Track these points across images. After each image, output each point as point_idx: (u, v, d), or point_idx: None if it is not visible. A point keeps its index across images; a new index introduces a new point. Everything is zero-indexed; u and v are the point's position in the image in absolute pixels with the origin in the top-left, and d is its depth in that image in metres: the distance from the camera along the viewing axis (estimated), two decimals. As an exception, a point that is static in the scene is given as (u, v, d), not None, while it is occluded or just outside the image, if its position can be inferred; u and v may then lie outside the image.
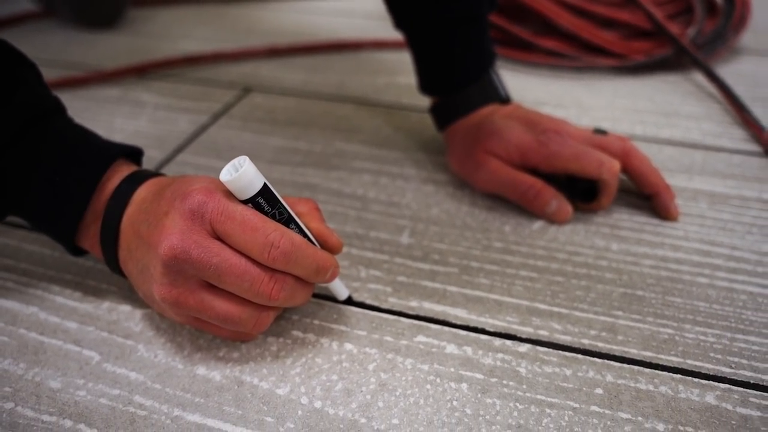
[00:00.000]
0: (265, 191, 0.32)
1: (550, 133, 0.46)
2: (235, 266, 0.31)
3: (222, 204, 0.31)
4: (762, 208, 0.48)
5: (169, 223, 0.32)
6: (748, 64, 0.73)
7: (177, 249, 0.31)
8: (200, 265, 0.31)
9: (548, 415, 0.32)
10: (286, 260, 0.32)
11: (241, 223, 0.31)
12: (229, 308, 0.32)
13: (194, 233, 0.31)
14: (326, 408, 0.32)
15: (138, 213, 0.34)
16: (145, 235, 0.33)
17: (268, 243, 0.31)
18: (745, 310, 0.38)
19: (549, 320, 0.38)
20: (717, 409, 0.32)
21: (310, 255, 0.33)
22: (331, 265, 0.34)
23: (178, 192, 0.33)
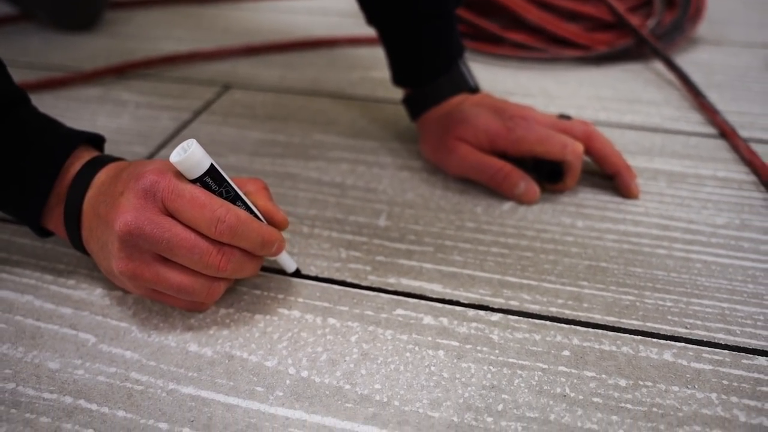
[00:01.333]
0: (212, 171, 0.34)
1: (517, 119, 0.48)
2: (185, 240, 0.34)
3: (172, 183, 0.34)
4: (716, 185, 0.51)
5: (124, 202, 0.34)
6: (704, 53, 0.77)
7: (131, 225, 0.33)
8: (153, 240, 0.34)
9: (519, 375, 0.35)
10: (232, 234, 0.34)
11: (190, 200, 0.34)
12: (182, 279, 0.35)
13: (147, 210, 0.34)
14: (312, 377, 0.34)
15: (98, 195, 0.36)
16: (103, 214, 0.35)
17: (214, 218, 0.34)
18: (700, 277, 0.41)
19: (519, 291, 0.40)
20: (673, 365, 0.35)
21: (255, 229, 0.35)
22: (276, 239, 0.37)
23: (133, 173, 0.35)
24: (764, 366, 0.35)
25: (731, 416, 0.32)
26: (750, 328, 0.37)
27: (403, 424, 0.32)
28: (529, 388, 0.34)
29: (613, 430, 0.32)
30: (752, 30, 0.84)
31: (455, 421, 0.32)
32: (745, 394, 0.33)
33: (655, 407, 0.33)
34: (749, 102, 0.64)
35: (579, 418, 0.32)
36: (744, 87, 0.68)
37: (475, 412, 0.32)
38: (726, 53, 0.77)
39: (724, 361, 0.35)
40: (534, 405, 0.33)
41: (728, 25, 0.86)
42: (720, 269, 0.42)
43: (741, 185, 0.51)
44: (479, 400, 0.33)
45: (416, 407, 0.33)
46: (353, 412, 0.32)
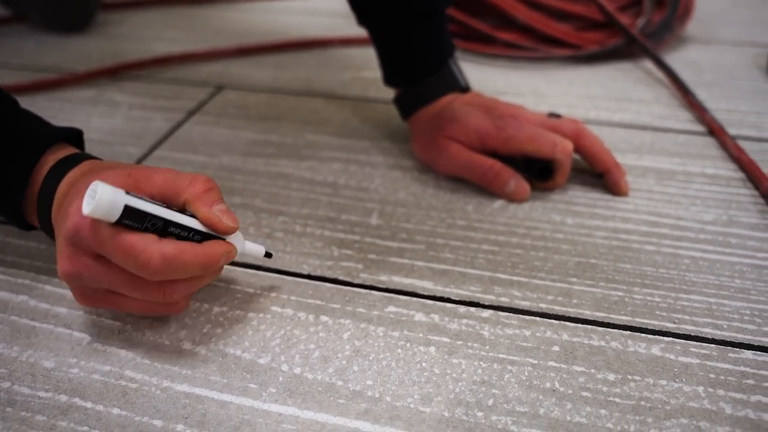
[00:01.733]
0: (128, 212, 0.32)
1: (507, 118, 0.49)
2: (124, 281, 0.33)
3: (93, 231, 0.32)
4: (704, 182, 0.51)
5: (60, 246, 0.34)
6: (693, 51, 0.78)
7: (69, 272, 0.33)
8: (95, 282, 0.34)
9: (509, 371, 0.35)
10: (164, 274, 0.33)
11: (114, 248, 0.32)
12: (139, 306, 0.35)
13: (79, 256, 0.33)
14: (305, 373, 0.35)
15: (56, 215, 0.36)
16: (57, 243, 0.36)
17: (140, 264, 0.32)
18: (688, 273, 0.42)
19: (509, 288, 0.41)
20: (661, 359, 0.36)
21: (189, 261, 0.33)
22: (217, 258, 0.34)
23: (64, 212, 0.34)
24: (750, 359, 0.36)
25: (717, 409, 0.33)
26: (737, 322, 0.38)
27: (395, 420, 0.32)
28: (519, 383, 0.34)
29: (602, 423, 0.32)
30: (741, 28, 0.85)
31: (446, 416, 0.32)
32: (732, 387, 0.34)
33: (643, 401, 0.33)
34: (737, 100, 0.65)
35: (568, 412, 0.33)
36: (732, 85, 0.68)
37: (465, 407, 0.33)
38: (715, 52, 0.78)
39: (711, 355, 0.36)
40: (524, 399, 0.33)
41: (717, 24, 0.87)
42: (708, 265, 0.43)
43: (729, 182, 0.51)
44: (470, 395, 0.34)
45: (407, 403, 0.33)
46: (345, 408, 0.33)
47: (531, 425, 0.32)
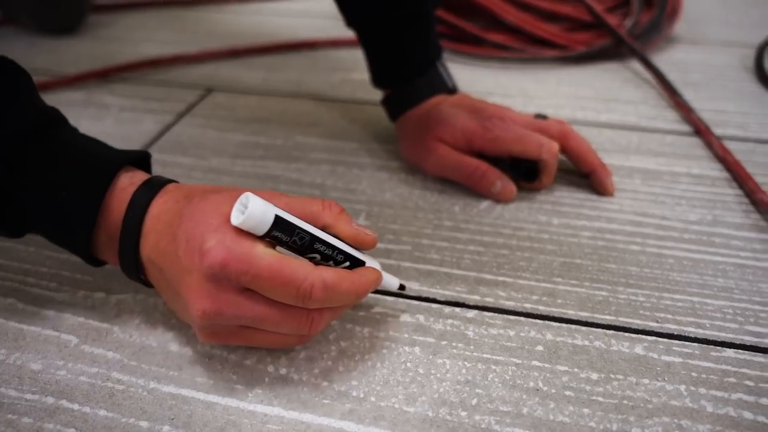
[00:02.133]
0: (278, 223, 0.31)
1: (494, 119, 0.49)
2: (270, 316, 0.32)
3: (244, 264, 0.30)
4: (690, 182, 0.52)
5: (195, 284, 0.31)
6: (681, 52, 0.78)
7: (210, 313, 0.31)
8: (236, 320, 0.32)
9: (494, 370, 0.35)
10: (322, 302, 0.32)
11: (269, 278, 0.30)
12: (273, 339, 0.34)
13: (222, 293, 0.31)
14: (291, 374, 0.35)
15: (156, 253, 0.33)
16: (173, 283, 0.33)
17: (300, 295, 0.31)
18: (672, 272, 0.42)
19: (495, 288, 0.41)
20: (644, 358, 0.36)
21: (346, 289, 0.32)
22: (371, 285, 0.34)
23: (195, 246, 0.31)
24: (732, 358, 0.36)
25: (699, 407, 0.33)
26: (719, 321, 0.39)
27: (379, 420, 0.33)
28: (503, 383, 0.35)
29: (585, 422, 0.32)
30: (729, 29, 0.86)
31: (430, 416, 0.33)
32: (713, 385, 0.34)
33: (625, 399, 0.34)
34: (725, 100, 0.65)
35: (551, 411, 0.33)
36: (720, 85, 0.69)
37: (449, 407, 0.33)
38: (703, 52, 0.78)
39: (693, 354, 0.36)
40: (507, 399, 0.34)
41: (706, 25, 0.88)
42: (691, 264, 0.43)
43: (714, 182, 0.52)
44: (454, 394, 0.34)
45: (392, 402, 0.33)
46: (330, 408, 0.33)
47: (514, 424, 0.32)
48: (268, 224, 0.30)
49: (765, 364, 0.35)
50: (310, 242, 0.32)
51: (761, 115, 0.62)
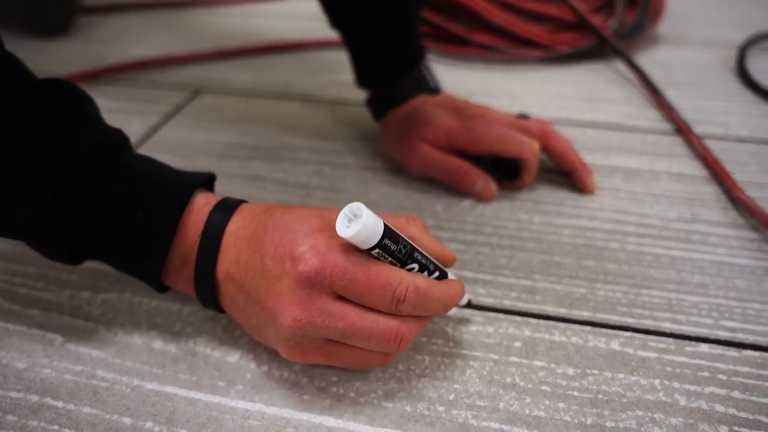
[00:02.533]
0: (387, 232, 0.30)
1: (476, 118, 0.50)
2: (361, 329, 0.31)
3: (340, 268, 0.30)
4: (670, 180, 0.53)
5: (285, 291, 0.31)
6: (665, 51, 0.79)
7: (301, 321, 0.30)
8: (326, 332, 0.31)
9: (472, 366, 0.36)
10: (414, 309, 0.32)
11: (366, 283, 0.30)
12: (356, 357, 0.33)
13: (314, 300, 0.31)
14: (272, 371, 0.36)
15: (236, 268, 0.33)
16: (254, 296, 0.33)
17: (395, 299, 0.31)
18: (650, 269, 0.43)
19: (474, 286, 0.42)
20: (620, 353, 0.37)
21: (437, 298, 0.32)
22: (457, 297, 0.34)
23: (286, 252, 0.31)
24: (706, 352, 0.37)
25: (672, 401, 0.34)
26: (695, 316, 0.39)
27: (358, 414, 0.33)
28: (481, 378, 0.35)
29: (560, 416, 0.33)
30: (712, 29, 0.87)
31: (408, 411, 0.33)
32: (687, 379, 0.35)
33: (600, 394, 0.34)
34: (706, 99, 0.66)
35: (527, 406, 0.34)
36: (702, 85, 0.70)
37: (427, 402, 0.34)
38: (686, 52, 0.79)
39: (668, 349, 0.37)
40: (484, 394, 0.34)
41: (689, 25, 0.89)
42: (669, 261, 0.44)
43: (693, 180, 0.53)
44: (432, 390, 0.35)
45: (371, 398, 0.34)
46: (310, 404, 0.34)
47: (491, 419, 0.33)
48: (379, 235, 0.30)
49: (738, 359, 0.36)
50: (410, 252, 0.32)
51: (742, 114, 0.63)
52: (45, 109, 0.32)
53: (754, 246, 0.45)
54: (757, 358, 0.36)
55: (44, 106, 0.32)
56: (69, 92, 0.34)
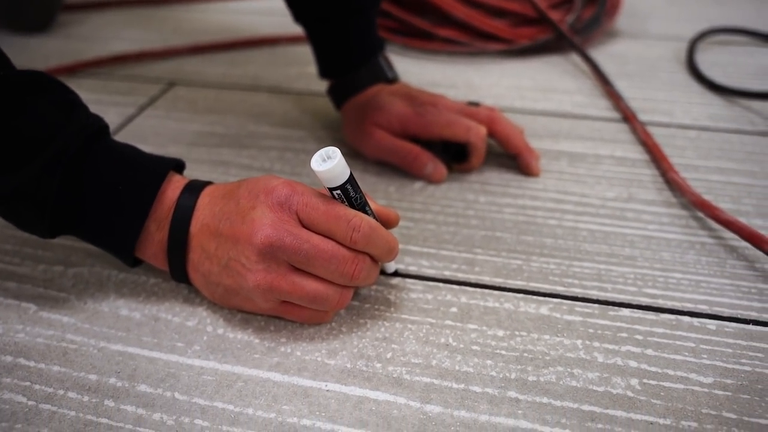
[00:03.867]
0: (351, 178, 0.36)
1: (427, 106, 0.53)
2: (324, 251, 0.35)
3: (305, 197, 0.36)
4: (612, 163, 0.56)
5: (259, 216, 0.35)
6: (621, 45, 0.83)
7: (272, 237, 0.35)
8: (293, 251, 0.35)
9: (409, 329, 0.39)
10: (366, 241, 0.36)
11: (325, 212, 0.35)
12: (317, 287, 0.36)
13: (285, 223, 0.35)
14: (227, 333, 0.39)
15: (210, 216, 0.38)
16: (227, 232, 0.37)
17: (350, 228, 0.35)
18: (584, 243, 0.47)
19: (419, 259, 0.45)
20: (548, 317, 0.40)
21: (384, 236, 0.37)
22: (398, 245, 0.39)
23: (260, 189, 0.37)
24: (627, 316, 0.40)
25: (591, 358, 0.37)
26: (621, 285, 0.43)
27: (303, 371, 0.37)
28: (417, 339, 0.39)
29: (486, 372, 0.36)
30: (669, 24, 0.91)
31: (348, 367, 0.37)
32: (606, 339, 0.39)
33: (526, 353, 0.38)
34: (654, 89, 0.70)
35: (457, 363, 0.37)
36: (652, 76, 0.73)
37: (366, 360, 0.37)
38: (642, 45, 0.83)
39: (593, 313, 0.40)
40: (419, 353, 0.38)
41: (647, 20, 0.92)
42: (603, 236, 0.47)
43: (634, 163, 0.56)
44: (371, 349, 0.38)
45: (315, 356, 0.38)
46: (260, 362, 0.37)
47: (423, 374, 0.36)
48: (346, 177, 0.35)
49: (655, 321, 0.40)
50: (363, 204, 0.38)
51: (686, 103, 0.67)
52: (36, 95, 0.36)
53: (683, 222, 0.49)
54: (672, 320, 0.40)
55: (35, 93, 0.36)
56: (56, 83, 0.38)
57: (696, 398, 0.35)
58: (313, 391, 0.35)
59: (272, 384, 0.36)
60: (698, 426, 0.33)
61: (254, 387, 0.36)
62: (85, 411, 0.34)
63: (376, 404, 0.35)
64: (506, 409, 0.34)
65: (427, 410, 0.34)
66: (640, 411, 0.34)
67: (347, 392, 0.35)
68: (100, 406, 0.35)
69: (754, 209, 0.50)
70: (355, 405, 0.34)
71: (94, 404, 0.35)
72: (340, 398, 0.35)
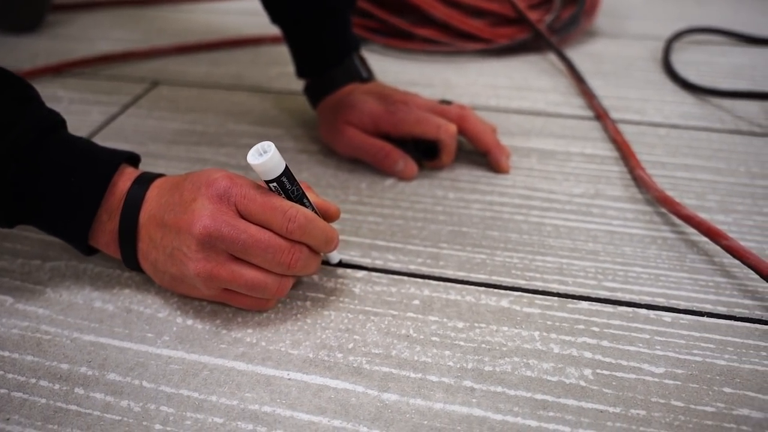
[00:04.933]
0: (287, 171, 0.37)
1: (399, 104, 0.55)
2: (260, 240, 0.37)
3: (244, 189, 0.37)
4: (581, 160, 0.58)
5: (198, 207, 0.37)
6: (599, 44, 0.84)
7: (210, 228, 0.36)
8: (230, 241, 0.37)
9: (372, 320, 0.41)
10: (302, 232, 0.37)
11: (262, 204, 0.37)
12: (255, 275, 0.38)
13: (223, 214, 0.37)
14: (196, 324, 0.41)
15: (157, 207, 0.39)
16: (171, 222, 0.38)
17: (286, 218, 0.37)
18: (549, 238, 0.48)
19: (385, 253, 0.47)
20: (508, 310, 0.42)
21: (321, 227, 0.39)
22: (336, 236, 0.40)
23: (202, 181, 0.38)
24: (585, 309, 0.41)
25: (547, 349, 0.39)
26: (581, 279, 0.44)
27: (266, 360, 0.38)
28: (379, 330, 0.40)
29: (444, 362, 0.38)
30: (648, 23, 0.92)
31: (311, 357, 0.38)
32: (563, 331, 0.40)
33: (484, 344, 0.39)
34: (628, 88, 0.71)
35: (416, 353, 0.38)
36: (627, 75, 0.75)
37: (328, 350, 0.39)
38: (619, 45, 0.84)
39: (552, 306, 0.42)
40: (380, 343, 0.39)
41: (627, 20, 0.94)
42: (567, 231, 0.49)
43: (603, 160, 0.58)
44: (334, 340, 0.39)
45: (279, 347, 0.39)
46: (225, 351, 0.39)
47: (382, 364, 0.38)
48: (281, 170, 0.37)
49: (612, 314, 0.41)
50: (301, 197, 0.39)
51: (659, 102, 0.68)
52: None
53: (647, 218, 0.50)
54: (629, 313, 0.41)
55: None
56: (14, 78, 0.40)
57: (647, 387, 0.36)
58: (275, 379, 0.37)
59: (236, 373, 0.37)
60: (646, 414, 0.34)
61: (219, 375, 0.37)
62: (56, 398, 0.36)
63: (335, 392, 0.36)
64: (461, 398, 0.35)
65: (384, 398, 0.36)
66: (591, 400, 0.35)
67: (308, 381, 0.37)
68: (70, 393, 0.36)
69: (717, 205, 0.51)
70: (315, 393, 0.36)
71: (65, 392, 0.36)
72: (300, 386, 0.36)
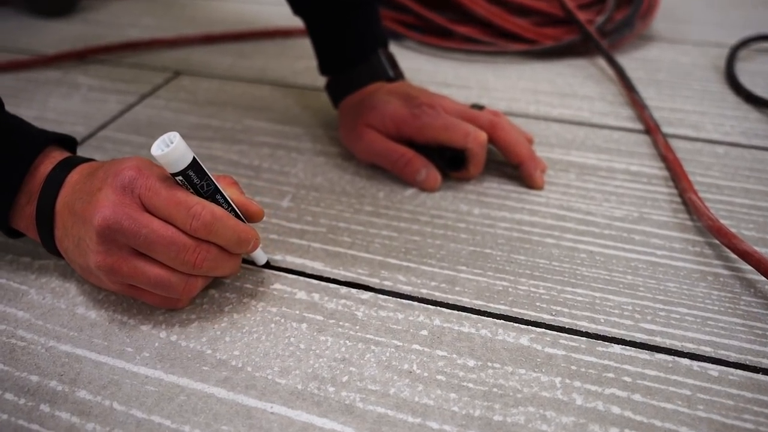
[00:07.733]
0: (194, 165, 0.35)
1: (424, 107, 0.50)
2: (163, 236, 0.35)
3: (150, 181, 0.35)
4: (625, 178, 0.52)
5: (102, 197, 0.35)
6: (655, 50, 0.77)
7: (110, 220, 0.34)
8: (131, 234, 0.35)
9: (372, 351, 0.37)
10: (207, 230, 0.35)
11: (167, 198, 0.35)
12: (159, 273, 0.36)
13: (125, 206, 0.35)
14: (180, 341, 0.37)
15: (72, 193, 0.37)
16: (79, 211, 0.36)
17: (190, 215, 0.35)
18: (581, 267, 0.43)
19: (396, 273, 0.42)
20: (528, 349, 0.37)
21: (231, 226, 0.36)
22: (252, 237, 0.38)
23: (111, 170, 0.36)
24: (617, 354, 0.36)
25: (569, 399, 0.34)
26: (615, 317, 0.39)
27: (250, 389, 0.34)
28: (378, 363, 0.36)
29: (448, 406, 0.33)
30: (709, 29, 0.84)
31: (299, 389, 0.34)
32: (589, 379, 0.35)
33: (496, 388, 0.34)
34: (685, 99, 0.65)
35: (418, 394, 0.34)
36: (684, 85, 0.68)
37: (319, 382, 0.35)
38: (677, 51, 0.77)
39: (578, 348, 0.37)
40: (378, 379, 0.35)
41: (687, 24, 0.86)
42: (603, 260, 0.43)
43: (650, 180, 0.52)
44: (327, 370, 0.35)
45: (266, 374, 0.35)
46: (207, 375, 0.35)
47: (378, 403, 0.33)
48: (186, 162, 0.35)
49: (648, 361, 0.36)
50: (214, 192, 0.37)
51: (718, 116, 0.61)
52: None
53: (697, 250, 0.44)
54: (669, 362, 0.36)
55: None
56: None
57: (683, 457, 0.31)
58: (257, 412, 0.33)
59: (215, 401, 0.33)
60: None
61: (197, 402, 0.33)
62: (18, 415, 0.33)
63: (321, 433, 0.32)
64: (463, 451, 0.31)
65: (375, 444, 0.31)
66: (616, 466, 0.30)
67: (292, 416, 0.33)
68: (35, 410, 0.33)
69: (780, 239, 0.45)
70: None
71: (29, 408, 0.33)
72: (283, 423, 0.32)
